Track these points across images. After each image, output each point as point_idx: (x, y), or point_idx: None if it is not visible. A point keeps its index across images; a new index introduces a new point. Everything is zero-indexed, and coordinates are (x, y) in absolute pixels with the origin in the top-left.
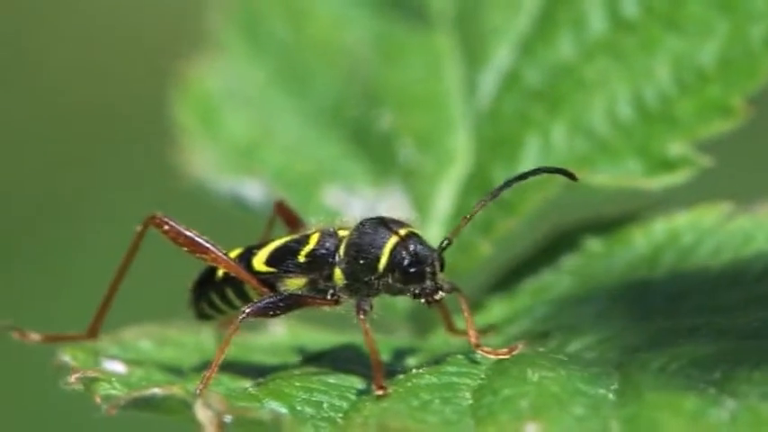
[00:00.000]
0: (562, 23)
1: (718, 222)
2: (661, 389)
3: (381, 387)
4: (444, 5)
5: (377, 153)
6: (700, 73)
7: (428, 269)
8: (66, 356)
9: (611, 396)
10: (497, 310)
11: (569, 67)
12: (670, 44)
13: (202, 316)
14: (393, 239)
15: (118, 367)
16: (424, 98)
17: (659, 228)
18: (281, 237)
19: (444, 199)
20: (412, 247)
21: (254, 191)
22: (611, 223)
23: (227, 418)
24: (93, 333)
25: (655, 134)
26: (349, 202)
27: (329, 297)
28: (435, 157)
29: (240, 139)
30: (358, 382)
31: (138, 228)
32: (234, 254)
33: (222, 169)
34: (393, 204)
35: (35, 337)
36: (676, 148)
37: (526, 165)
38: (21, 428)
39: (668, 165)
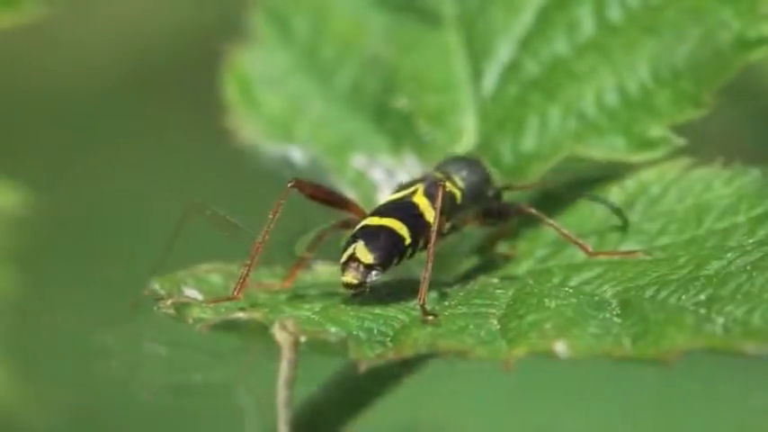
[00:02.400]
0: (557, 25)
1: (680, 174)
2: (660, 311)
3: (432, 314)
4: (452, 8)
5: (395, 129)
6: (674, 70)
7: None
8: (156, 285)
9: (616, 319)
10: (498, 254)
11: (563, 61)
12: (649, 45)
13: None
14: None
15: (197, 295)
16: (435, 85)
17: (630, 182)
18: (395, 196)
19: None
20: None
21: (298, 154)
22: (591, 181)
23: (302, 339)
24: (239, 293)
25: (637, 118)
26: (371, 169)
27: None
28: (447, 132)
29: (275, 114)
30: (399, 313)
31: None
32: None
33: (266, 137)
34: (409, 171)
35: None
36: (656, 130)
37: (527, 140)
38: None
39: (649, 143)
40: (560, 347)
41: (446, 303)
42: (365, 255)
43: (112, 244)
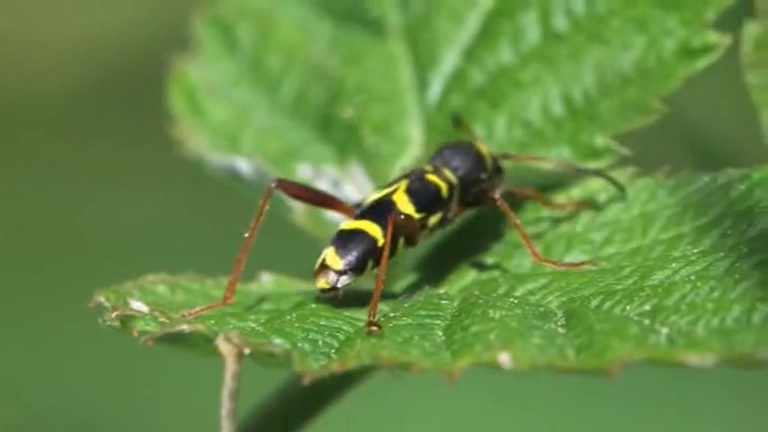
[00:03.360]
0: (502, 34)
1: (626, 183)
2: (604, 322)
3: (375, 325)
4: (397, 18)
5: (340, 139)
6: (621, 78)
7: None
8: (102, 297)
9: (560, 330)
10: (444, 264)
11: (508, 70)
12: (595, 54)
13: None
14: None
15: (142, 308)
16: (381, 95)
17: (576, 191)
18: (377, 195)
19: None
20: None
21: (243, 164)
22: (537, 189)
23: (246, 351)
24: (230, 296)
25: (582, 128)
26: (317, 179)
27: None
28: (392, 142)
29: (220, 124)
30: (344, 324)
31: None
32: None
33: (212, 147)
34: (355, 180)
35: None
36: (601, 139)
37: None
38: None
39: (594, 153)
40: (504, 359)
41: (391, 314)
42: (334, 261)
43: (50, 248)
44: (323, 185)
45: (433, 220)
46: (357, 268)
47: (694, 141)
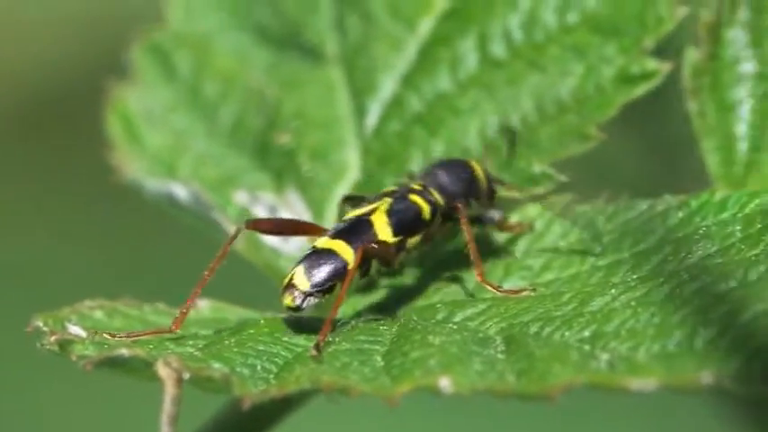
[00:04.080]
0: (440, 61)
1: (564, 210)
2: (544, 347)
3: (318, 350)
4: (335, 45)
5: (278, 166)
6: (559, 105)
7: None
8: (40, 322)
9: (500, 356)
10: (384, 289)
11: (446, 97)
12: (533, 80)
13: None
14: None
15: (80, 332)
16: (318, 121)
17: (514, 218)
18: (351, 216)
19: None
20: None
21: (181, 191)
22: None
23: (186, 375)
24: (177, 326)
25: (520, 154)
26: (254, 206)
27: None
28: (329, 169)
29: (158, 150)
30: (282, 350)
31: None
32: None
33: (149, 173)
34: (292, 208)
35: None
36: (538, 166)
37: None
38: None
39: (532, 179)
40: (444, 383)
41: (330, 340)
42: (302, 281)
43: None
44: (260, 212)
45: (412, 242)
46: (324, 290)
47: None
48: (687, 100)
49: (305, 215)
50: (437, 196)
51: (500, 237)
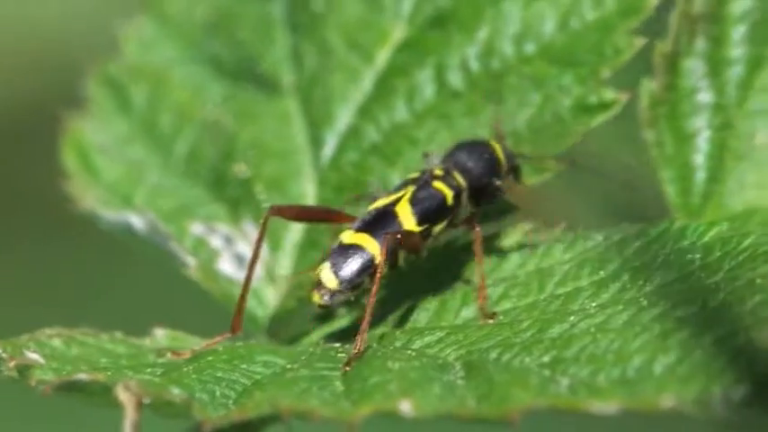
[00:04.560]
0: (397, 91)
1: (522, 239)
2: (504, 372)
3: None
4: (290, 75)
5: (234, 196)
6: (516, 136)
7: None
8: None
9: (460, 381)
10: (343, 318)
11: (403, 127)
12: (490, 111)
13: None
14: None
15: (38, 359)
16: (274, 151)
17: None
18: (375, 205)
19: (294, 233)
20: None
21: (137, 221)
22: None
23: (146, 400)
24: (236, 328)
25: None
26: (210, 236)
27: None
28: (286, 199)
29: (113, 182)
30: (241, 377)
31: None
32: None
33: (105, 204)
34: (248, 238)
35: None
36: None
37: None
38: None
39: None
40: (405, 407)
41: (288, 366)
42: (330, 280)
43: None
44: (216, 243)
45: (437, 228)
46: (353, 286)
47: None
48: (644, 130)
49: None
50: (460, 180)
51: (459, 265)
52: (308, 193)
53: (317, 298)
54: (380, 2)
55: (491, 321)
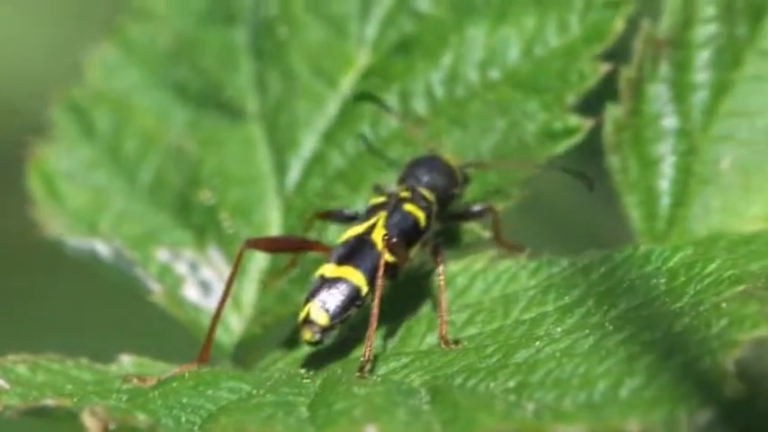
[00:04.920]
0: (362, 117)
1: (487, 266)
2: (469, 397)
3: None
4: (255, 102)
5: (198, 223)
6: (480, 162)
7: None
8: None
9: (425, 407)
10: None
11: (369, 153)
12: (454, 136)
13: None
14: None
15: (3, 384)
16: (239, 178)
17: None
18: (348, 234)
19: (260, 260)
20: None
21: (102, 248)
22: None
23: (111, 425)
24: (204, 358)
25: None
26: (175, 262)
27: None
28: (250, 226)
29: (78, 208)
30: (206, 403)
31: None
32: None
33: (71, 231)
34: (214, 265)
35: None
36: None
37: (327, 231)
38: None
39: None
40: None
41: (254, 392)
42: (320, 317)
43: None
44: (181, 269)
45: (412, 252)
46: (342, 320)
47: (558, 222)
48: (609, 155)
49: (226, 272)
50: (429, 196)
51: (424, 292)
52: (273, 220)
53: (308, 336)
54: (345, 28)
55: (455, 347)
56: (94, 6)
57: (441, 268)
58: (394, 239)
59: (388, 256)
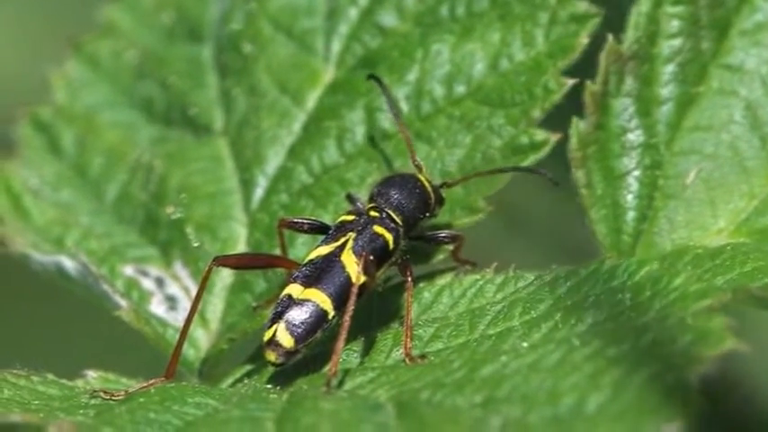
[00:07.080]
0: (328, 133)
1: (452, 280)
2: (436, 412)
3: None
4: (221, 119)
5: (164, 239)
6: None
7: None
8: None
9: (391, 422)
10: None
11: (334, 169)
12: (420, 152)
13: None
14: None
15: None
16: (205, 194)
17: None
18: (316, 253)
19: (225, 276)
20: None
21: (69, 263)
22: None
23: None
24: (170, 374)
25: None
26: (141, 278)
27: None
28: (217, 241)
29: (45, 224)
30: (172, 419)
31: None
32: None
33: (37, 247)
34: (180, 280)
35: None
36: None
37: (295, 247)
38: None
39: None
40: None
41: (220, 408)
42: (286, 340)
43: None
44: (148, 284)
45: (380, 273)
46: (308, 344)
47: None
48: (574, 170)
49: (192, 288)
50: (396, 218)
51: (389, 306)
52: (239, 236)
53: (272, 357)
54: (310, 44)
55: (420, 362)
56: (62, 24)
57: (409, 283)
58: (371, 257)
59: (362, 278)
